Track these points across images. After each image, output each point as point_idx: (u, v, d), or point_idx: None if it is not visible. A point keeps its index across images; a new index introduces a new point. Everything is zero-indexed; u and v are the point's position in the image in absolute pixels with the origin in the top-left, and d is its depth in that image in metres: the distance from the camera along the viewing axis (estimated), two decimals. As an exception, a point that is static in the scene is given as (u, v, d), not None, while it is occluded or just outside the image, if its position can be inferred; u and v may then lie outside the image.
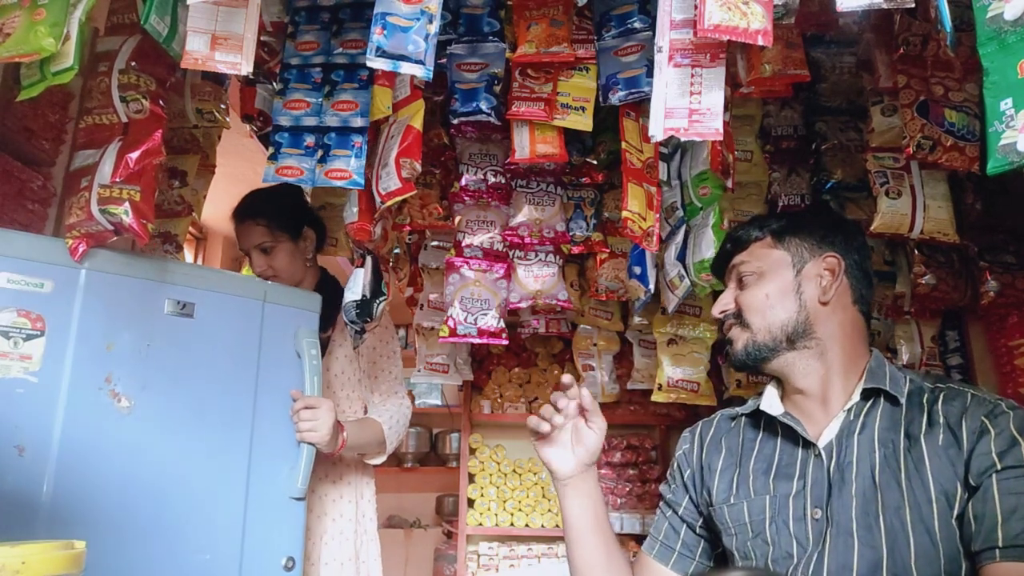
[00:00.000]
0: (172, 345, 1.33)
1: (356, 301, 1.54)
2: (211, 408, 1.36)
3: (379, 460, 1.73)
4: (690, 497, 1.13)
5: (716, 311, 1.10)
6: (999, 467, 0.84)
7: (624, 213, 1.48)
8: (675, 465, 1.17)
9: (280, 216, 1.75)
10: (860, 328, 1.05)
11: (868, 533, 0.90)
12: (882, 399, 0.97)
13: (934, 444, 0.90)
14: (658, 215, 1.54)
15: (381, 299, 1.63)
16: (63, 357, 1.21)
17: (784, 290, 1.03)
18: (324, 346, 1.71)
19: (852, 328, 1.03)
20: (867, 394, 0.98)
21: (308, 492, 1.55)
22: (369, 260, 1.58)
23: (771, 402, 1.06)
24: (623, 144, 1.54)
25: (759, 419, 1.08)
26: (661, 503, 1.18)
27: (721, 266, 1.16)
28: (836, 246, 1.06)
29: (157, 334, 1.32)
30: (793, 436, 1.02)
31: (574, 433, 1.06)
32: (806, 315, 1.02)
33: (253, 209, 1.76)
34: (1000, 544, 0.81)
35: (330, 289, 1.78)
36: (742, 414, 1.11)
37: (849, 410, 0.98)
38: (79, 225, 1.26)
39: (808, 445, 0.99)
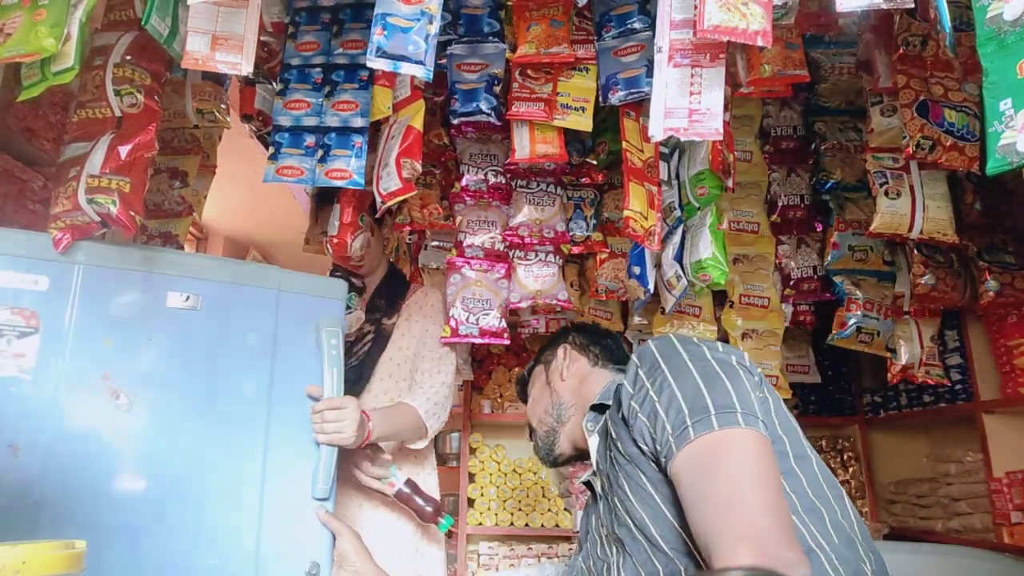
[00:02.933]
0: (176, 340, 1.28)
1: None
2: (220, 404, 1.30)
3: (420, 445, 1.67)
4: None
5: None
6: (632, 392, 0.92)
7: (626, 212, 1.48)
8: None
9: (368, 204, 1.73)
10: (605, 378, 1.20)
11: (612, 518, 1.01)
12: (606, 412, 1.08)
13: (615, 421, 0.98)
14: (659, 214, 1.54)
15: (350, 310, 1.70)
16: (58, 354, 1.19)
17: (541, 388, 1.28)
18: (389, 333, 1.74)
19: (597, 382, 1.20)
20: (597, 411, 1.12)
21: (358, 485, 1.57)
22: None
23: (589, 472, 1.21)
24: (623, 144, 1.54)
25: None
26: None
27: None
28: (565, 340, 1.30)
29: (159, 328, 1.27)
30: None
31: None
32: (557, 395, 1.24)
33: (338, 190, 1.76)
34: (672, 434, 0.84)
35: (398, 278, 1.84)
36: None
37: (595, 434, 1.12)
38: (64, 215, 1.23)
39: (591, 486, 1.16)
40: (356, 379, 1.66)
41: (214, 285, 1.34)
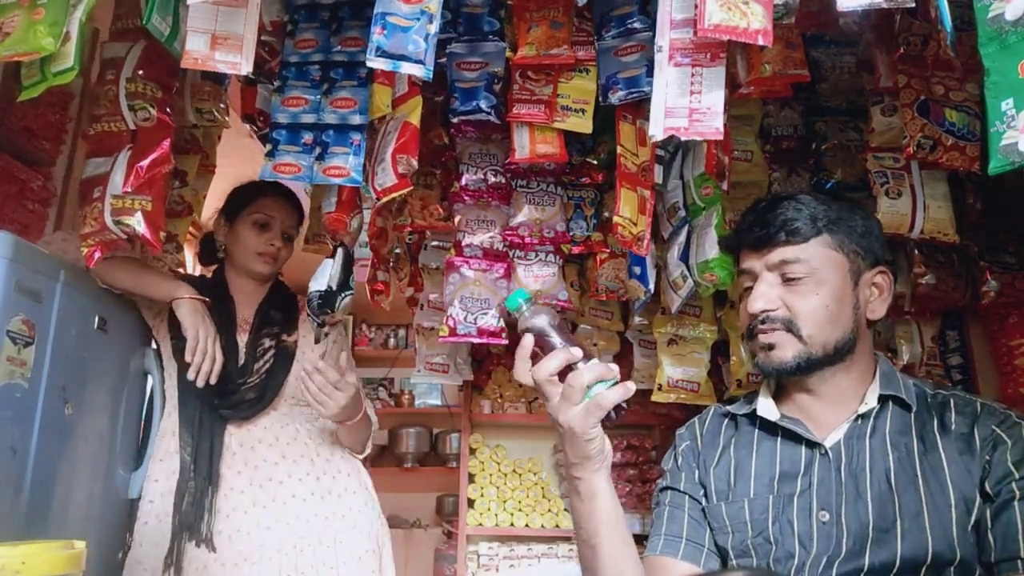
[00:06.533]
0: (95, 357, 1.48)
1: (320, 292, 1.50)
2: (108, 415, 1.54)
3: (360, 456, 1.78)
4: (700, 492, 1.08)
5: (757, 307, 0.98)
6: (1017, 476, 0.85)
7: (616, 219, 1.48)
8: (679, 461, 1.11)
9: (302, 222, 1.86)
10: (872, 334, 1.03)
11: (884, 536, 0.89)
12: (891, 403, 0.97)
13: (950, 450, 0.91)
14: (650, 219, 1.54)
15: (347, 293, 1.58)
16: (42, 365, 1.30)
17: (843, 303, 0.96)
18: (292, 352, 1.69)
19: (872, 338, 1.02)
20: (881, 399, 0.98)
21: (313, 494, 1.61)
22: (340, 252, 1.55)
23: (767, 406, 1.04)
24: (618, 147, 1.54)
25: (754, 419, 1.05)
26: (672, 498, 1.09)
27: (755, 245, 1.02)
28: (884, 260, 1.02)
29: (88, 347, 1.46)
30: (795, 436, 1.00)
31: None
32: (855, 332, 0.97)
33: (297, 201, 1.83)
34: (1022, 555, 0.81)
35: (287, 290, 1.82)
36: (735, 414, 1.08)
37: (862, 414, 0.98)
38: (94, 235, 1.31)
39: (812, 445, 0.98)
40: (258, 399, 1.61)
41: (116, 311, 1.57)
